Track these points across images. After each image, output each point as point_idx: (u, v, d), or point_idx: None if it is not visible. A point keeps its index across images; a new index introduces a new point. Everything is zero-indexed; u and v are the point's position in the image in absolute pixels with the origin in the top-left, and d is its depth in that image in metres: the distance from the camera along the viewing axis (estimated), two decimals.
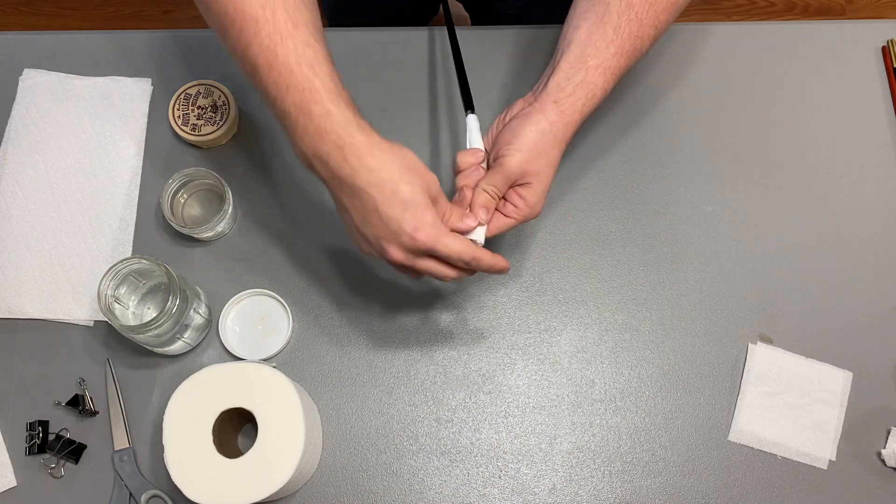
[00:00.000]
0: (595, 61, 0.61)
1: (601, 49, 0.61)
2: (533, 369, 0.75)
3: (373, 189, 0.55)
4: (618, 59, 0.61)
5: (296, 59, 0.55)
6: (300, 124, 0.56)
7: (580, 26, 0.62)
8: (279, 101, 0.56)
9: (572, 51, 0.62)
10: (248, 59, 0.56)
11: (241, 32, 0.55)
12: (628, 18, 0.60)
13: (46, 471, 0.71)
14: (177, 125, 0.78)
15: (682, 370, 0.75)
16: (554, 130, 0.61)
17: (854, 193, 0.81)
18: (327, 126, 0.55)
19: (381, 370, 0.74)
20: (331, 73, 0.56)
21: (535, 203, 0.62)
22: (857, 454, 0.73)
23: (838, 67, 0.85)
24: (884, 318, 0.77)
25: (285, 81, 0.55)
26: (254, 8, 0.55)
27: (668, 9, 0.61)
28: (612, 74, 0.61)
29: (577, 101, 0.61)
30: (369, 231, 0.57)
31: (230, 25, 0.56)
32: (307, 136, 0.56)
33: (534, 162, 0.61)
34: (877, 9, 1.82)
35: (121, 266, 0.68)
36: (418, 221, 0.56)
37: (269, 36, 0.55)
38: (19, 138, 0.80)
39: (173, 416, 0.65)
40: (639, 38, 0.61)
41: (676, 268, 0.78)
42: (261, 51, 0.55)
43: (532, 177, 0.61)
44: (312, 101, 0.55)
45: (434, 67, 0.84)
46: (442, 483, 0.72)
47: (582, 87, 0.61)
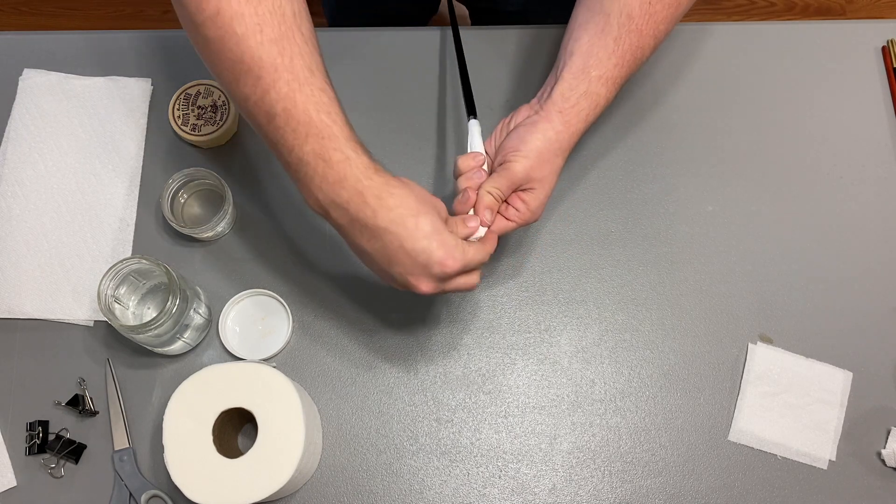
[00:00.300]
0: (597, 72, 0.62)
1: (603, 60, 0.62)
2: (533, 369, 0.75)
3: (396, 227, 0.56)
4: (619, 70, 0.62)
5: (314, 107, 0.55)
6: (319, 172, 0.56)
7: (581, 37, 0.63)
8: (296, 150, 0.56)
9: (574, 62, 0.63)
10: (263, 108, 0.55)
11: (258, 80, 0.54)
12: (629, 30, 0.61)
13: (46, 471, 0.71)
14: (177, 125, 0.78)
15: (682, 370, 0.75)
16: (560, 140, 0.62)
17: (854, 193, 0.81)
18: (347, 172, 0.55)
19: (380, 370, 0.74)
20: (345, 119, 0.57)
21: (537, 208, 0.64)
22: (857, 454, 0.73)
23: (838, 67, 0.85)
24: (884, 318, 0.77)
25: (304, 129, 0.55)
26: (272, 55, 0.54)
27: (667, 19, 0.62)
28: (613, 84, 0.63)
29: (581, 111, 0.62)
30: (396, 269, 0.58)
31: (245, 73, 0.55)
32: (326, 183, 0.56)
33: (538, 168, 0.62)
34: (877, 9, 1.82)
35: (121, 266, 0.68)
36: (446, 249, 0.57)
37: (287, 83, 0.54)
38: (19, 138, 0.80)
39: (173, 416, 0.65)
40: (639, 49, 0.63)
41: (676, 268, 0.78)
42: (279, 98, 0.54)
43: (536, 182, 0.63)
44: (332, 147, 0.55)
45: (435, 67, 0.84)
46: (442, 483, 0.72)
47: (585, 98, 0.62)
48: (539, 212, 0.64)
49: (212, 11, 0.54)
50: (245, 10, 0.53)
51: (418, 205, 0.57)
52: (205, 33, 0.55)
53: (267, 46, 0.54)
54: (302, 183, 0.58)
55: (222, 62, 0.55)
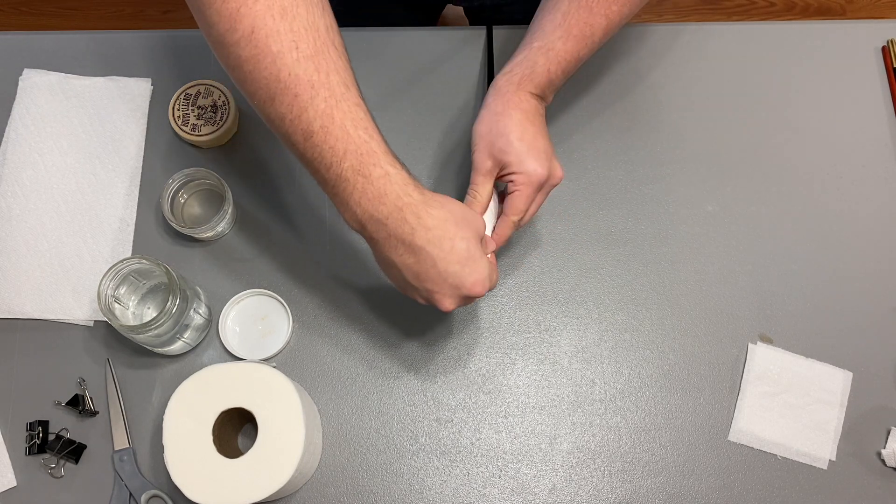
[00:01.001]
0: (539, 43, 0.64)
1: (547, 32, 0.64)
2: (533, 369, 0.75)
3: (432, 247, 0.56)
4: (563, 42, 0.63)
5: (352, 123, 0.54)
6: (358, 188, 0.55)
7: (537, 17, 0.66)
8: (334, 167, 0.55)
9: (524, 39, 0.66)
10: (300, 126, 0.54)
11: (294, 98, 0.53)
12: (578, 5, 0.63)
13: (46, 471, 0.71)
14: (177, 125, 0.78)
15: (682, 370, 0.75)
16: (493, 110, 0.64)
17: (854, 193, 0.81)
18: (387, 188, 0.55)
19: (381, 370, 0.75)
20: (381, 134, 0.56)
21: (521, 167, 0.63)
22: (857, 454, 0.73)
23: (838, 67, 0.85)
24: (884, 318, 0.77)
25: (343, 146, 0.54)
26: (308, 72, 0.53)
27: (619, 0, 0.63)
28: (555, 55, 0.64)
29: (513, 77, 0.64)
30: (423, 285, 0.59)
31: (282, 92, 0.53)
32: (365, 199, 0.56)
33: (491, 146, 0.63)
34: (877, 9, 1.82)
35: (121, 266, 0.68)
36: (477, 276, 0.58)
37: (324, 100, 0.53)
38: (19, 138, 0.80)
39: (173, 416, 0.65)
40: (588, 25, 0.63)
41: (676, 268, 0.78)
42: (316, 116, 0.54)
43: (498, 154, 0.63)
44: (371, 163, 0.55)
45: (437, 67, 0.84)
46: (442, 483, 0.72)
47: (520, 65, 0.64)
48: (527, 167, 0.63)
49: (246, 30, 0.52)
50: (280, 27, 0.52)
51: (456, 227, 0.57)
52: (238, 53, 0.53)
53: (303, 63, 0.53)
54: (339, 199, 0.57)
55: (257, 81, 0.54)
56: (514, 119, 0.63)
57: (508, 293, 0.77)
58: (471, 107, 0.82)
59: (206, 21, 0.54)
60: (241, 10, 0.51)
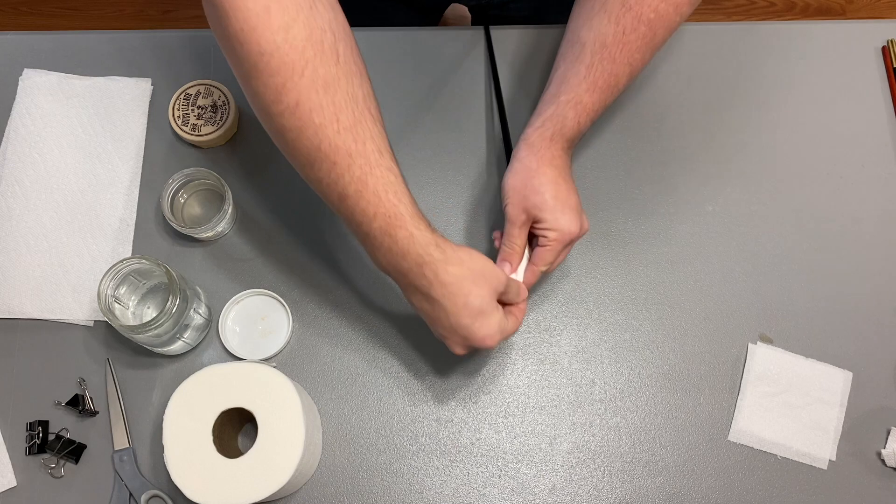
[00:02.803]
0: (566, 96, 0.66)
1: (573, 85, 0.65)
2: (533, 369, 0.75)
3: (446, 301, 0.60)
4: (590, 95, 0.65)
5: (383, 188, 0.58)
6: (384, 246, 0.60)
7: (559, 66, 0.67)
8: (364, 225, 0.59)
9: (548, 90, 0.67)
10: (336, 189, 0.58)
11: (333, 166, 0.57)
12: (601, 57, 0.64)
13: (46, 471, 0.71)
14: (177, 125, 0.78)
15: (682, 370, 0.75)
16: (527, 166, 0.66)
17: (854, 193, 0.81)
18: (409, 248, 0.59)
19: (381, 370, 0.74)
20: (411, 197, 0.60)
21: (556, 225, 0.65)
22: (857, 454, 0.73)
23: (838, 67, 0.85)
24: (884, 318, 0.77)
25: (373, 209, 0.58)
26: (346, 142, 0.56)
27: (642, 48, 0.64)
28: (583, 108, 0.66)
29: (545, 132, 0.66)
30: (438, 331, 0.63)
31: (322, 159, 0.57)
32: (390, 254, 0.60)
33: (524, 200, 0.66)
34: (877, 9, 1.82)
35: (121, 266, 0.68)
36: (487, 330, 0.61)
37: (360, 167, 0.57)
38: (19, 138, 0.80)
39: (173, 416, 0.65)
40: (612, 76, 0.65)
41: (676, 268, 0.78)
42: (352, 181, 0.57)
43: (533, 210, 0.66)
44: (397, 225, 0.59)
45: (441, 67, 0.84)
46: (442, 483, 0.72)
47: (551, 120, 0.66)
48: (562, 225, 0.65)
49: (291, 103, 0.55)
50: (323, 100, 0.55)
51: (472, 284, 0.60)
52: (282, 122, 0.56)
53: (343, 135, 0.56)
54: (367, 249, 0.62)
55: (298, 149, 0.58)
56: (548, 176, 0.65)
57: None
58: (471, 106, 0.82)
59: (251, 90, 0.57)
60: (287, 84, 0.54)
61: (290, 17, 0.53)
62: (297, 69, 0.54)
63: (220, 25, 0.54)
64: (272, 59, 0.54)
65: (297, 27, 0.54)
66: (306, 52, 0.54)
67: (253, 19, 0.53)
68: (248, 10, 0.52)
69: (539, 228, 0.66)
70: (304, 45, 0.54)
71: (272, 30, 0.53)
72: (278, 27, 0.53)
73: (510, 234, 0.67)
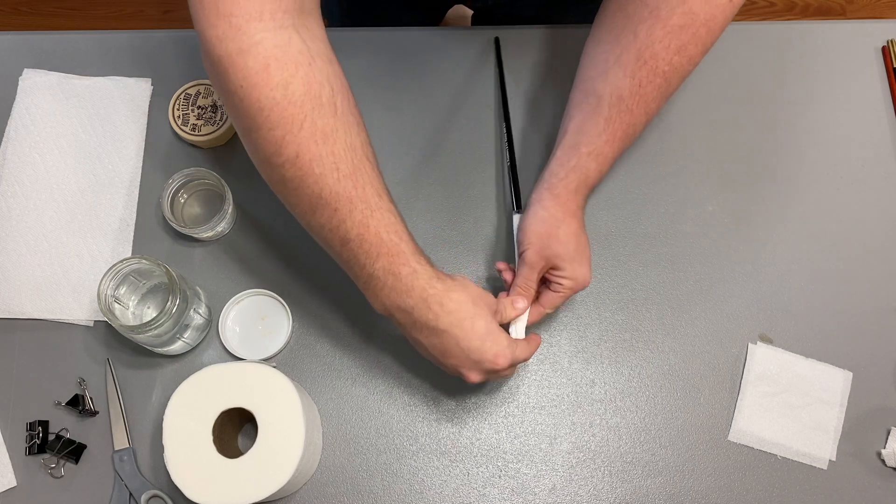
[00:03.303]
0: (587, 148, 0.67)
1: (593, 137, 0.66)
2: (533, 369, 0.75)
3: (454, 329, 0.61)
4: (610, 146, 0.66)
5: (385, 229, 0.60)
6: (388, 284, 0.61)
7: (575, 116, 0.68)
8: (367, 267, 0.60)
9: (567, 139, 0.68)
10: (338, 235, 0.60)
11: (334, 213, 0.58)
12: (619, 110, 0.65)
13: (46, 471, 0.71)
14: (177, 125, 0.78)
15: (682, 370, 0.75)
16: (553, 215, 0.67)
17: (854, 193, 0.81)
18: (413, 283, 0.60)
19: (381, 370, 0.74)
20: (409, 235, 0.62)
21: (573, 275, 0.68)
22: (857, 454, 0.73)
23: (838, 67, 0.85)
24: (884, 318, 0.77)
25: (376, 250, 0.60)
26: (347, 189, 0.58)
27: (658, 98, 0.65)
28: (604, 158, 0.67)
29: (570, 183, 0.67)
30: (450, 361, 0.63)
31: (323, 206, 0.58)
32: (394, 293, 0.61)
33: (546, 248, 0.67)
34: (877, 9, 1.82)
35: (121, 266, 0.68)
36: (497, 348, 0.62)
37: (361, 212, 0.59)
38: (19, 138, 0.80)
39: (173, 416, 0.65)
40: (630, 126, 0.66)
41: (676, 268, 0.78)
42: (354, 226, 0.59)
43: (553, 259, 0.67)
44: (400, 263, 0.60)
45: (444, 67, 0.84)
46: (442, 483, 0.72)
47: (575, 171, 0.67)
48: (578, 276, 0.68)
49: (291, 155, 0.56)
50: (322, 151, 0.56)
51: (474, 308, 0.62)
52: (282, 173, 0.58)
53: (343, 182, 0.58)
54: (370, 292, 0.63)
55: (299, 197, 0.59)
56: (572, 228, 0.67)
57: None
58: (472, 106, 0.82)
59: (252, 143, 0.58)
60: (287, 137, 0.56)
61: (289, 74, 0.55)
62: (296, 122, 0.55)
63: (220, 81, 0.55)
64: (272, 113, 0.55)
65: (296, 83, 0.55)
66: (305, 106, 0.55)
67: (252, 76, 0.54)
68: (247, 67, 0.54)
69: (555, 275, 0.68)
70: (303, 100, 0.55)
71: (271, 86, 0.54)
72: (277, 84, 0.54)
73: (527, 278, 0.69)
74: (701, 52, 0.63)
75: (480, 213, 0.79)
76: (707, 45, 0.63)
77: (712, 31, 0.61)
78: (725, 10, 0.60)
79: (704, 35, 0.61)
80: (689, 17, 0.60)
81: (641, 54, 0.62)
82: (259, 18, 0.53)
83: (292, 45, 0.55)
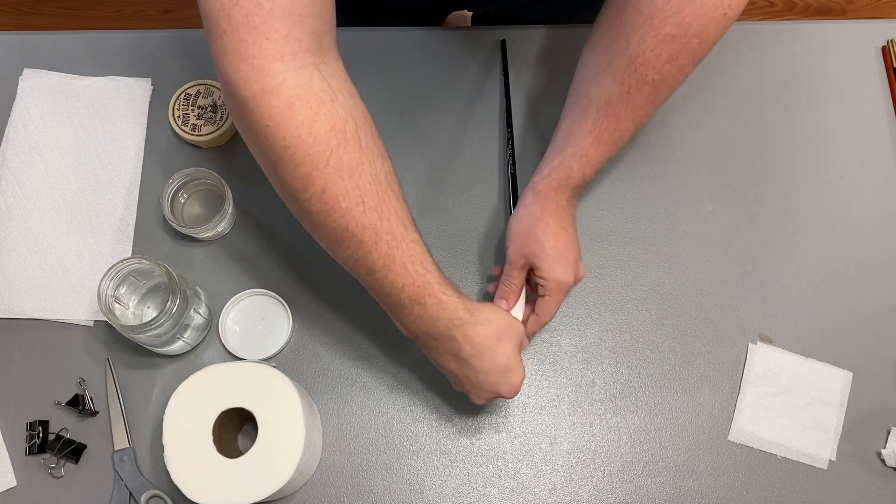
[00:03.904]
0: (572, 149, 0.68)
1: (579, 139, 0.67)
2: (533, 369, 0.75)
3: (475, 361, 0.63)
4: (595, 148, 0.67)
5: (410, 260, 0.60)
6: (414, 313, 0.62)
7: (567, 117, 0.69)
8: (393, 296, 0.61)
9: (556, 141, 0.70)
10: (364, 265, 0.60)
11: (360, 244, 0.59)
12: (606, 114, 0.66)
13: (46, 471, 0.71)
14: (177, 125, 0.78)
15: (682, 370, 0.75)
16: (531, 212, 0.68)
17: (854, 193, 0.81)
18: (440, 314, 0.62)
19: (381, 370, 0.74)
20: (436, 266, 0.63)
21: (551, 275, 0.68)
22: (857, 454, 0.73)
23: (838, 67, 0.85)
24: (884, 318, 0.77)
25: (401, 281, 0.60)
26: (372, 221, 0.59)
27: (646, 105, 0.66)
28: (588, 160, 0.68)
29: (552, 182, 0.68)
30: (465, 386, 0.66)
31: (349, 239, 0.59)
32: (420, 321, 0.62)
33: (524, 245, 0.68)
34: (877, 9, 1.82)
35: (121, 266, 0.68)
36: (511, 385, 0.65)
37: (386, 244, 0.59)
38: (19, 138, 0.80)
39: (173, 416, 0.65)
40: (617, 130, 0.67)
41: (676, 268, 0.78)
42: (379, 257, 0.60)
43: (531, 257, 0.68)
44: (426, 294, 0.61)
45: (446, 68, 0.84)
46: (442, 483, 0.72)
47: (557, 171, 0.68)
48: (557, 276, 0.68)
49: (317, 190, 0.57)
50: (348, 185, 0.57)
51: (498, 342, 0.64)
52: (309, 207, 0.58)
53: (369, 215, 0.58)
54: (396, 317, 0.64)
55: (325, 230, 0.60)
56: (550, 227, 0.68)
57: None
58: (472, 107, 0.82)
59: (278, 179, 0.59)
60: (313, 174, 0.56)
61: (313, 112, 0.55)
62: (322, 159, 0.56)
63: (246, 121, 0.56)
64: (297, 151, 0.55)
65: (321, 120, 0.55)
66: (330, 142, 0.56)
67: (278, 116, 0.54)
68: (272, 106, 0.54)
69: (536, 275, 0.69)
70: (328, 136, 0.56)
71: (296, 125, 0.55)
72: (302, 122, 0.55)
73: (509, 275, 0.70)
74: (692, 63, 0.64)
75: (480, 212, 0.79)
76: (699, 56, 0.63)
77: (704, 42, 0.62)
78: (719, 23, 0.61)
79: (696, 46, 0.62)
80: (681, 28, 0.60)
81: (633, 61, 0.63)
82: (281, 59, 0.54)
83: (314, 84, 0.55)
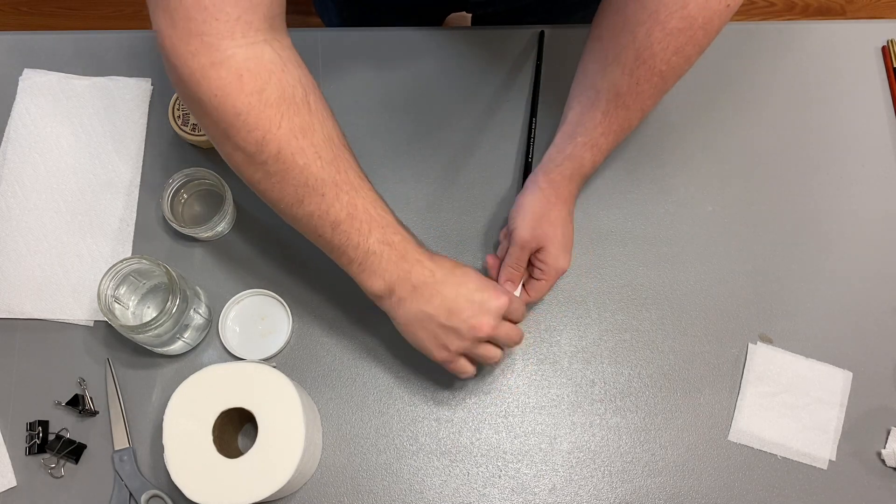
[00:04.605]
0: (583, 139, 0.69)
1: (589, 129, 0.69)
2: (533, 369, 0.75)
3: (453, 277, 0.64)
4: (605, 138, 0.69)
5: (371, 205, 0.62)
6: (385, 255, 0.63)
7: (574, 107, 0.70)
8: (362, 245, 0.62)
9: (565, 128, 0.71)
10: (328, 219, 0.61)
11: (322, 198, 0.60)
12: (616, 105, 0.67)
13: (46, 471, 0.71)
14: (177, 125, 0.78)
15: (682, 370, 0.75)
16: (546, 196, 0.70)
17: (854, 193, 0.81)
18: (406, 247, 0.63)
19: (381, 370, 0.74)
20: (391, 209, 0.65)
21: (555, 261, 0.70)
22: (857, 454, 0.73)
23: (838, 67, 0.85)
24: (884, 318, 0.77)
25: (367, 226, 0.62)
26: (331, 174, 0.60)
27: (654, 95, 0.67)
28: (598, 150, 0.69)
29: (565, 170, 0.70)
30: (458, 318, 0.64)
31: (310, 194, 0.60)
32: (391, 263, 0.63)
33: (536, 227, 0.69)
34: (877, 9, 1.82)
35: (121, 266, 0.68)
36: (493, 287, 0.65)
37: (347, 192, 0.61)
38: (19, 138, 0.80)
39: (173, 416, 0.65)
40: (626, 120, 0.68)
41: (676, 268, 0.78)
42: (343, 207, 0.61)
43: (542, 240, 0.69)
44: (392, 232, 0.63)
45: (448, 67, 0.84)
46: (442, 483, 0.72)
47: (570, 160, 0.69)
48: (561, 262, 0.70)
49: (273, 152, 0.58)
50: (303, 144, 0.59)
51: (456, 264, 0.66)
52: (266, 169, 0.60)
53: (326, 168, 0.60)
54: (368, 272, 0.64)
55: (284, 189, 0.61)
56: (561, 215, 0.70)
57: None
58: (473, 107, 0.82)
59: (231, 145, 0.59)
60: (267, 136, 0.58)
61: (263, 81, 0.57)
62: (274, 123, 0.58)
63: (191, 92, 0.57)
64: (249, 117, 0.57)
65: (271, 88, 0.57)
66: (281, 106, 0.58)
67: (226, 86, 0.56)
68: (220, 77, 0.56)
69: (538, 259, 0.70)
70: (279, 101, 0.58)
71: (246, 93, 0.56)
72: (252, 91, 0.56)
73: (518, 258, 0.71)
74: (698, 53, 0.65)
75: (481, 212, 0.79)
76: (704, 46, 0.64)
77: (709, 33, 0.63)
78: (723, 14, 0.62)
79: (702, 37, 0.63)
80: (687, 21, 0.61)
81: (640, 54, 0.64)
82: (231, 37, 0.55)
83: (264, 56, 0.57)
